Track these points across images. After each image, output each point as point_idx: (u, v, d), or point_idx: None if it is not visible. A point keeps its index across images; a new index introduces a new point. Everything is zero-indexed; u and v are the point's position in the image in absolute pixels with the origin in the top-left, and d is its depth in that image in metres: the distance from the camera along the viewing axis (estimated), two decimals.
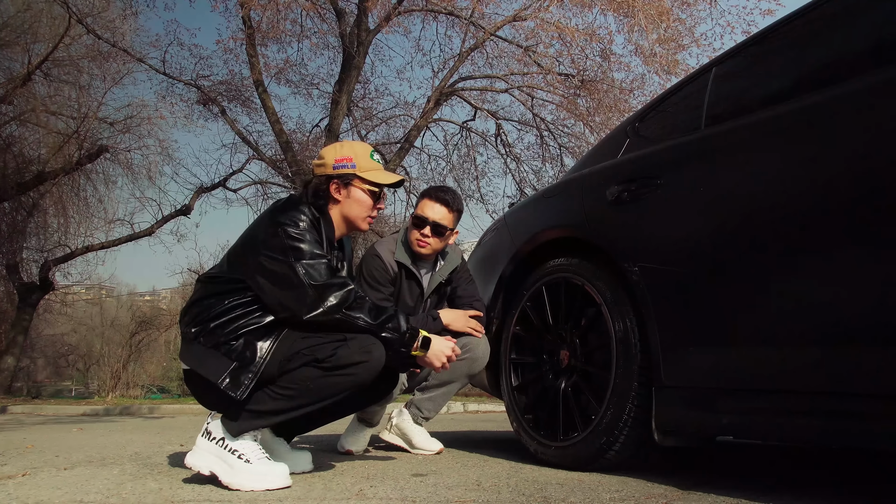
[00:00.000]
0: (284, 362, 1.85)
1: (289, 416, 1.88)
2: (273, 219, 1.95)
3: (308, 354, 1.85)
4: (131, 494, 1.72)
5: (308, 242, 1.91)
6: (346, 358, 1.84)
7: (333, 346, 1.85)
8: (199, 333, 1.91)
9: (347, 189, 2.08)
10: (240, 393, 1.81)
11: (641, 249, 2.04)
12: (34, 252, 14.47)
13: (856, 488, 1.96)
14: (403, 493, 1.76)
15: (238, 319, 1.91)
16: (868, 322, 1.43)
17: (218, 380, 1.82)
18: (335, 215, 2.09)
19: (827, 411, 1.51)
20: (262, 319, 1.91)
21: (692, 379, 1.84)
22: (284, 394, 1.84)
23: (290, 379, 1.84)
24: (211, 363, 1.85)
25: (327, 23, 11.82)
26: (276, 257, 1.89)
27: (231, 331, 1.89)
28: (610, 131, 3.44)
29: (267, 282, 1.90)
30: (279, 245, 1.90)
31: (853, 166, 1.51)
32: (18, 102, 12.63)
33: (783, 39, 1.98)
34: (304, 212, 1.97)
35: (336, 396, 1.89)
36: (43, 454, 2.71)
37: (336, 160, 2.08)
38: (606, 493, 1.75)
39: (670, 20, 9.42)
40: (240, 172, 14.04)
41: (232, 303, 1.92)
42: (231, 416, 1.86)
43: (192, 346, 1.92)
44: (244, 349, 1.86)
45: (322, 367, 1.84)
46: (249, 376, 1.82)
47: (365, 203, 2.10)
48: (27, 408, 9.34)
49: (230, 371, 1.83)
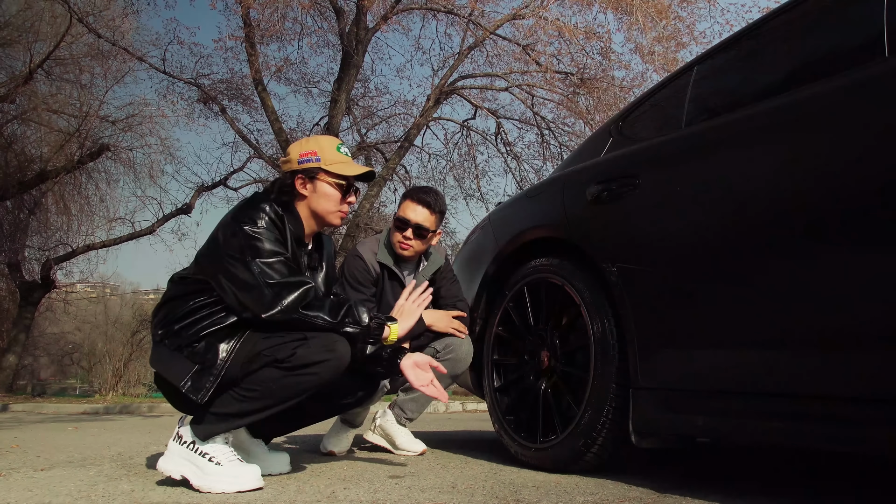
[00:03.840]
0: (246, 364, 1.83)
1: (256, 417, 1.86)
2: (233, 218, 1.92)
3: (269, 355, 1.82)
4: (101, 497, 1.71)
5: (266, 240, 1.87)
6: (307, 357, 1.81)
7: (294, 345, 1.82)
8: (165, 335, 1.90)
9: (313, 183, 2.03)
10: (200, 396, 1.79)
11: (619, 250, 2.02)
12: (36, 250, 14.53)
13: (832, 490, 1.94)
14: (376, 495, 1.74)
15: (201, 321, 1.88)
16: (845, 324, 1.41)
17: (180, 383, 1.80)
18: (303, 211, 2.05)
19: (802, 414, 1.50)
20: (225, 320, 1.89)
21: (668, 380, 1.83)
22: (249, 395, 1.82)
23: (253, 380, 1.82)
24: (174, 366, 1.84)
25: (327, 21, 11.84)
26: (234, 256, 1.85)
27: (194, 332, 1.87)
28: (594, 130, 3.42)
29: (226, 281, 1.86)
30: (237, 244, 1.86)
31: (830, 166, 1.49)
32: (20, 101, 12.65)
33: (762, 38, 1.96)
34: (264, 210, 1.91)
35: (301, 396, 1.86)
36: (25, 454, 2.70)
37: (301, 154, 2.03)
38: (581, 496, 1.74)
39: (669, 18, 9.39)
40: (240, 171, 14.11)
41: (196, 304, 1.90)
42: (198, 419, 1.84)
43: (158, 348, 1.91)
44: (205, 351, 1.84)
45: (283, 368, 1.81)
46: (211, 379, 1.80)
47: (332, 196, 2.04)
48: (28, 406, 9.38)
49: (192, 374, 1.81)
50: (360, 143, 13.20)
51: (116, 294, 27.74)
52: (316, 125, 13.29)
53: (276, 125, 11.79)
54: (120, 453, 2.70)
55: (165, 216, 14.33)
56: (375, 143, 13.35)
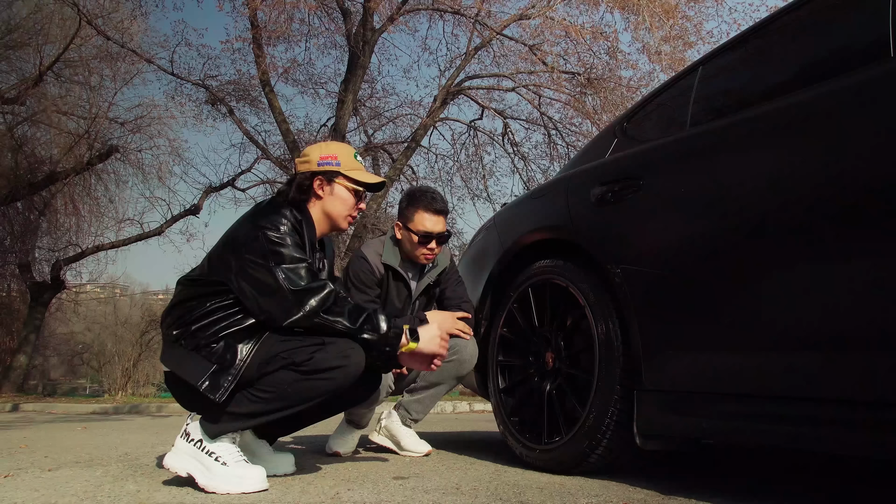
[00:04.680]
0: (263, 365, 1.84)
1: (267, 418, 1.88)
2: (254, 222, 1.94)
3: (286, 358, 1.84)
4: (106, 497, 1.72)
5: (288, 246, 1.90)
6: (324, 362, 1.83)
7: (311, 349, 1.84)
8: (181, 336, 1.91)
9: (331, 186, 2.09)
10: (219, 395, 1.81)
11: (624, 251, 2.02)
12: (46, 251, 14.65)
13: (838, 492, 1.93)
14: (380, 496, 1.75)
15: (219, 322, 1.90)
16: (850, 326, 1.40)
17: (197, 382, 1.81)
18: (316, 213, 2.09)
19: (807, 416, 1.48)
20: (244, 322, 1.91)
21: (673, 382, 1.82)
22: (262, 397, 1.83)
23: (268, 382, 1.84)
24: (191, 365, 1.85)
25: (334, 22, 11.86)
26: (257, 261, 1.88)
27: (212, 333, 1.89)
28: (599, 131, 3.42)
29: (248, 285, 1.89)
30: (259, 249, 1.88)
31: (836, 166, 1.48)
32: (31, 103, 12.78)
33: (768, 38, 1.95)
34: (285, 215, 1.95)
35: (314, 400, 1.87)
36: (33, 454, 2.72)
37: (321, 157, 2.09)
38: (585, 498, 1.73)
39: (676, 18, 9.35)
40: (248, 172, 14.14)
41: (213, 305, 1.91)
42: (209, 417, 1.86)
43: (173, 348, 1.92)
44: (224, 352, 1.86)
45: (300, 371, 1.83)
46: (229, 379, 1.82)
47: (347, 201, 2.11)
48: (39, 406, 9.43)
49: (210, 374, 1.82)
50: (368, 144, 13.22)
51: (126, 294, 27.90)
52: (323, 126, 13.32)
53: (283, 126, 11.82)
54: (127, 453, 2.72)
55: (174, 217, 14.40)
56: (382, 143, 13.37)
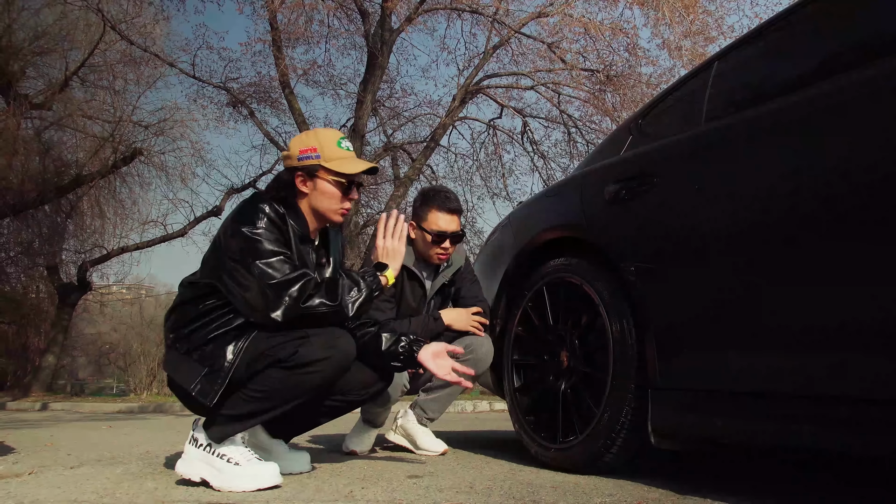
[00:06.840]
0: (252, 364, 1.83)
1: (267, 417, 1.87)
2: (232, 220, 1.91)
3: (271, 355, 1.82)
4: (125, 494, 1.75)
5: (265, 241, 1.84)
6: (309, 356, 1.81)
7: (296, 343, 1.82)
8: (177, 339, 1.92)
9: (313, 181, 1.99)
10: (209, 399, 1.81)
11: (637, 249, 2.00)
12: (72, 253, 14.91)
13: (857, 491, 1.90)
14: (393, 495, 1.76)
15: (210, 323, 1.89)
16: (869, 326, 1.37)
17: (190, 387, 1.82)
18: (305, 208, 2.02)
19: (823, 416, 1.46)
20: (233, 322, 1.89)
21: (687, 381, 1.80)
22: (256, 396, 1.83)
23: (259, 381, 1.83)
24: (184, 370, 1.86)
25: (353, 23, 11.91)
26: (235, 258, 1.85)
27: (202, 336, 1.88)
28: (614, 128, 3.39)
29: (232, 284, 1.86)
30: (236, 247, 1.86)
31: (855, 161, 1.45)
32: (57, 108, 13.02)
33: (784, 32, 1.92)
34: (262, 210, 1.88)
35: (308, 394, 1.87)
36: (57, 452, 2.78)
37: (300, 151, 1.98)
38: (598, 498, 1.72)
39: (697, 13, 9.24)
40: (269, 173, 14.23)
41: (206, 307, 1.91)
42: (211, 421, 1.86)
43: (170, 352, 1.93)
44: (213, 354, 1.85)
45: (285, 367, 1.81)
46: (219, 382, 1.81)
47: (332, 195, 2.00)
48: (67, 405, 9.62)
49: (201, 377, 1.82)
50: (387, 144, 13.28)
51: (151, 295, 28.29)
52: (343, 126, 13.39)
53: (303, 127, 11.90)
54: (148, 452, 2.76)
55: (196, 218, 14.57)
56: (402, 143, 13.41)
